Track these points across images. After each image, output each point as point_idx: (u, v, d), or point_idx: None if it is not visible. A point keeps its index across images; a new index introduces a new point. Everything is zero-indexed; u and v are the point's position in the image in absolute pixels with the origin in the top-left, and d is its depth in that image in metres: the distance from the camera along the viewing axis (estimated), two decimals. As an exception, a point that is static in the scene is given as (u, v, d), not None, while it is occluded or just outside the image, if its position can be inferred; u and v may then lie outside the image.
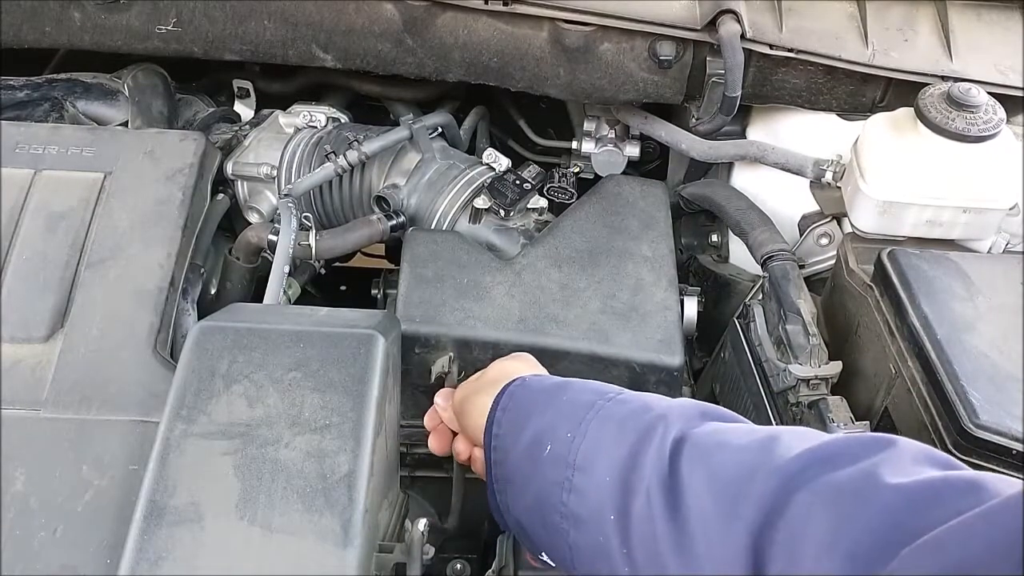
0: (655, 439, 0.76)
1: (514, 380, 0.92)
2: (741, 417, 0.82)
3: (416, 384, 1.15)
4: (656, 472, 0.74)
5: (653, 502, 0.73)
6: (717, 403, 1.01)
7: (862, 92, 1.36)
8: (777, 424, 1.20)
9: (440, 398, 1.05)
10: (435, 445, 1.04)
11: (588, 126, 1.55)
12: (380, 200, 1.36)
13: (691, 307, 1.24)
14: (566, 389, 0.88)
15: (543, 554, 0.86)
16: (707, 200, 1.45)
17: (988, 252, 1.28)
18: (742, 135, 1.45)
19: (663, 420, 0.78)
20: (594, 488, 0.78)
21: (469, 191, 1.34)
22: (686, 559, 0.69)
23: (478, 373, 1.03)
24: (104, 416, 0.94)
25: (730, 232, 1.47)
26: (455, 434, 1.03)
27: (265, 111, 1.55)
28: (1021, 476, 0.96)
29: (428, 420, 1.06)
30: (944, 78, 1.30)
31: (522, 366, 1.00)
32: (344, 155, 1.33)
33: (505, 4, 1.30)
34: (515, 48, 1.35)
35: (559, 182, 1.51)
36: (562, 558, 0.82)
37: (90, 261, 1.06)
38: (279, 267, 1.19)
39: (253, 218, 1.46)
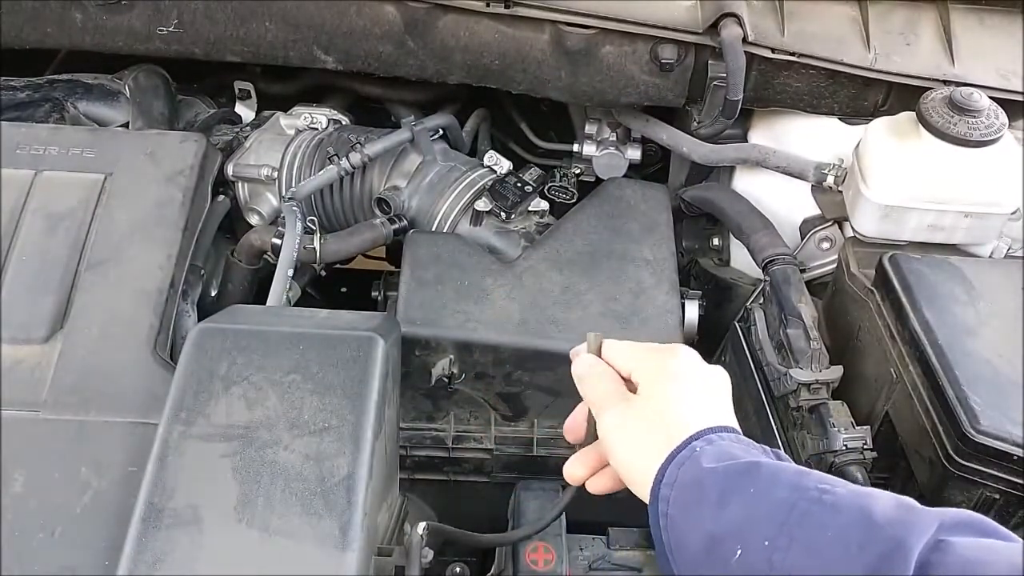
0: (893, 572, 0.63)
1: (683, 448, 0.78)
2: (993, 524, 0.68)
3: (416, 387, 1.15)
4: None
5: None
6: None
7: (864, 96, 1.36)
8: (777, 427, 1.20)
9: (585, 366, 0.88)
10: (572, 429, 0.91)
11: (589, 129, 1.55)
12: (381, 202, 1.36)
13: (692, 311, 1.24)
14: (754, 476, 0.74)
15: None
16: (708, 203, 1.44)
17: (990, 257, 1.28)
18: (744, 139, 1.45)
19: (900, 547, 0.64)
20: None
21: (470, 193, 1.34)
22: None
23: (632, 363, 0.86)
24: (103, 417, 0.94)
25: (731, 235, 1.47)
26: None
27: (266, 113, 1.55)
28: (1021, 481, 0.96)
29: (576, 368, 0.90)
30: (946, 82, 1.30)
31: (696, 399, 0.83)
32: (347, 157, 1.33)
33: (507, 6, 1.30)
34: (516, 50, 1.34)
35: (560, 182, 1.51)
36: None
37: (90, 262, 1.06)
38: (283, 270, 1.19)
39: (254, 220, 1.46)
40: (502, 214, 1.31)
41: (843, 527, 0.67)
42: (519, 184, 1.34)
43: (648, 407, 0.82)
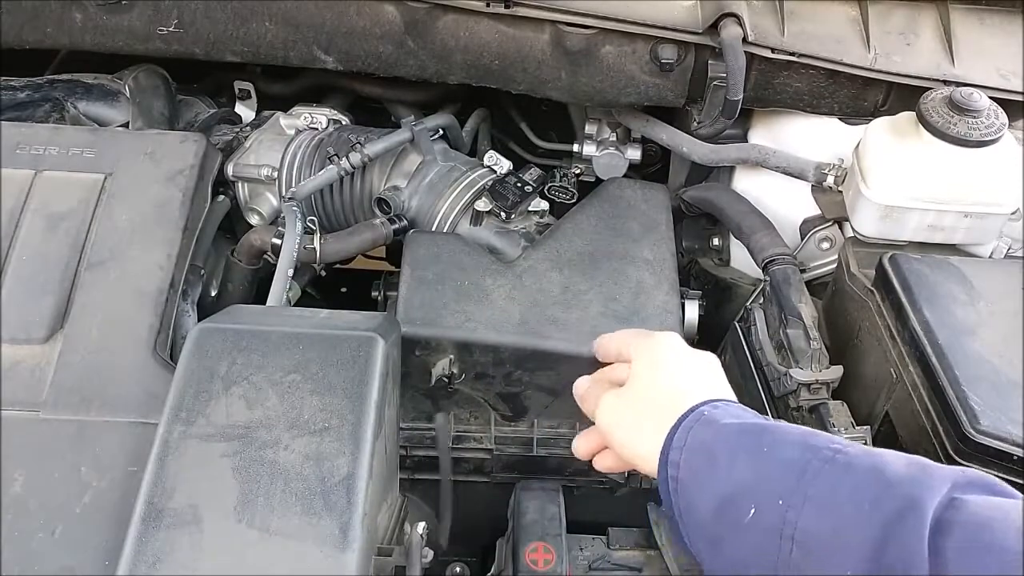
0: (907, 529, 0.63)
1: (691, 412, 0.80)
2: (1001, 484, 0.68)
3: (416, 386, 1.15)
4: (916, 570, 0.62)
5: None
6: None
7: (864, 96, 1.36)
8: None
9: (578, 384, 0.95)
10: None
11: (589, 129, 1.55)
12: (381, 202, 1.36)
13: (692, 311, 1.24)
14: (764, 437, 0.75)
15: None
16: (708, 203, 1.44)
17: (990, 257, 1.28)
18: (744, 139, 1.45)
19: (914, 505, 0.64)
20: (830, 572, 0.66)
21: (470, 193, 1.34)
22: None
23: (617, 369, 0.92)
24: (103, 417, 0.94)
25: (731, 235, 1.47)
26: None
27: (266, 112, 1.55)
28: (1021, 481, 0.96)
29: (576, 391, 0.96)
30: (946, 82, 1.30)
31: (690, 377, 0.86)
32: (347, 157, 1.33)
33: (507, 6, 1.30)
34: (516, 50, 1.34)
35: (560, 182, 1.51)
36: None
37: (90, 262, 1.06)
38: (283, 270, 1.19)
39: (254, 220, 1.46)
40: (502, 214, 1.31)
41: (857, 485, 0.68)
42: (519, 184, 1.34)
43: (641, 387, 0.86)
